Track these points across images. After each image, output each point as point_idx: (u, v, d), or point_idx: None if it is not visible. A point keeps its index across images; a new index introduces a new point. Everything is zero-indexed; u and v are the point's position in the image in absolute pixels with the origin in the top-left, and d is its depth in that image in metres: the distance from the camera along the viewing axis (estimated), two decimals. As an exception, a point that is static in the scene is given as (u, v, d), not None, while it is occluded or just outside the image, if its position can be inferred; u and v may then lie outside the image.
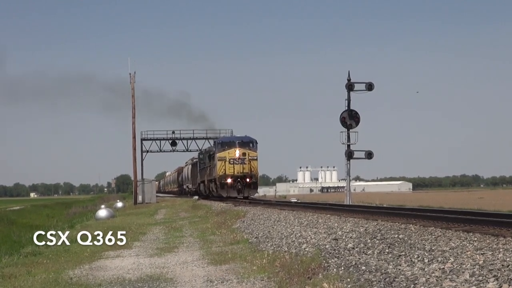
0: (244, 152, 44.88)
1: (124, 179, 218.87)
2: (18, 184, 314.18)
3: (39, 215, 54.19)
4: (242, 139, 46.37)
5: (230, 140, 47.17)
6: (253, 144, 46.17)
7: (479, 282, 8.00)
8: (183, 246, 18.33)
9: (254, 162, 45.17)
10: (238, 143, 45.59)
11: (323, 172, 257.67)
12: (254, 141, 46.24)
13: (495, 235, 11.47)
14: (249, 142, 46.10)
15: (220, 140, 48.29)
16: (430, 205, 38.17)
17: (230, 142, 46.41)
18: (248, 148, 45.43)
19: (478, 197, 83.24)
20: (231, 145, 45.72)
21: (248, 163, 44.81)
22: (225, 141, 47.12)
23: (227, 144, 46.27)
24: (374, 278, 9.38)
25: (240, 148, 45.06)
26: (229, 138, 48.52)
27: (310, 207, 26.64)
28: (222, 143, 46.92)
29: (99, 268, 14.17)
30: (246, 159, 44.82)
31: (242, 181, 44.67)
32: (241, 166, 44.72)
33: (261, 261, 12.95)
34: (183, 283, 11.65)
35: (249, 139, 46.34)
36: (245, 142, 46.03)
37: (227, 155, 45.01)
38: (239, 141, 46.03)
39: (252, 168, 44.86)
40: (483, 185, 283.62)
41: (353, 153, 35.24)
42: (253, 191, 45.75)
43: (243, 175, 44.74)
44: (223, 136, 51.44)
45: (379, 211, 19.87)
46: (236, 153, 44.72)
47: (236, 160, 44.67)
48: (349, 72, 35.08)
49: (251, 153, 45.22)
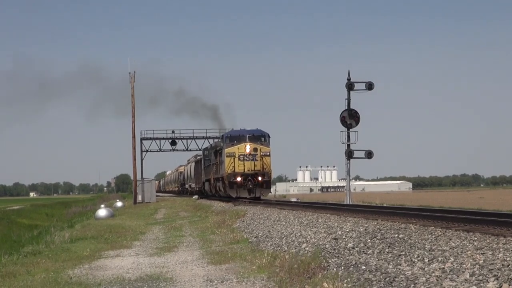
0: (256, 147, 40.79)
1: (124, 178, 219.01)
2: (18, 184, 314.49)
3: (39, 214, 54.22)
4: (253, 133, 41.91)
5: (239, 134, 42.29)
6: (265, 138, 41.98)
7: (479, 282, 7.98)
8: (183, 245, 18.33)
9: (266, 159, 40.98)
10: (248, 137, 41.27)
11: (323, 171, 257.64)
12: (266, 135, 42.11)
13: (495, 235, 11.45)
14: (261, 136, 41.89)
15: (229, 134, 43.49)
16: (430, 205, 38.12)
17: (240, 136, 41.79)
18: (260, 143, 41.29)
19: (478, 197, 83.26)
20: (241, 139, 41.35)
21: (260, 159, 40.65)
22: (234, 135, 42.42)
23: (236, 138, 41.77)
24: (374, 277, 9.37)
25: (250, 142, 40.88)
26: (239, 131, 42.96)
27: (310, 206, 26.61)
28: (230, 137, 42.37)
29: (99, 268, 14.16)
30: (258, 155, 40.69)
31: (254, 180, 40.48)
32: (252, 163, 40.61)
33: (261, 261, 12.94)
34: (183, 283, 11.64)
35: (261, 133, 42.15)
36: (257, 136, 41.73)
37: (236, 150, 40.83)
38: (249, 134, 41.60)
39: (264, 165, 40.67)
40: (483, 185, 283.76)
41: (353, 153, 35.18)
42: (265, 191, 41.46)
43: (254, 173, 40.51)
44: (232, 130, 45.65)
45: (379, 210, 19.86)
46: (247, 148, 40.62)
47: (246, 156, 40.60)
48: (349, 72, 35.04)
49: (263, 149, 41.06)
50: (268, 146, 41.65)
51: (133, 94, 60.83)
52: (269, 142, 42.08)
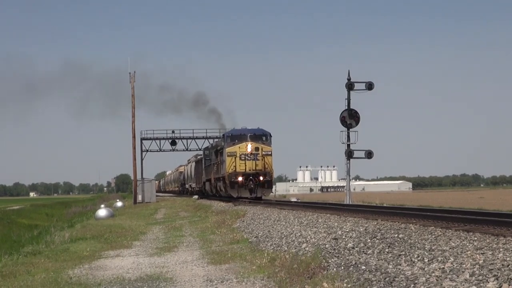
0: (257, 147, 40.36)
1: (124, 178, 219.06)
2: (18, 184, 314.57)
3: (39, 214, 54.23)
4: (254, 132, 41.55)
5: (241, 133, 41.89)
6: (267, 137, 41.60)
7: (479, 282, 7.98)
8: (183, 245, 18.32)
9: (268, 158, 40.56)
10: (250, 136, 40.86)
11: (323, 171, 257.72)
12: (268, 134, 41.73)
13: (495, 235, 11.44)
14: (262, 135, 41.56)
15: (230, 133, 43.07)
16: (430, 205, 38.12)
17: (241, 135, 41.42)
18: (261, 142, 40.89)
19: (478, 197, 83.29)
20: (242, 138, 40.99)
21: (262, 159, 40.26)
22: (235, 134, 42.03)
23: (237, 137, 41.44)
24: (374, 277, 9.37)
25: (252, 142, 40.44)
26: (240, 130, 42.54)
27: (310, 206, 26.60)
28: (231, 136, 42.01)
29: (99, 268, 14.16)
30: (259, 155, 40.32)
31: (255, 180, 40.10)
32: (254, 163, 40.19)
33: (261, 261, 12.94)
34: (183, 283, 11.64)
35: (262, 132, 41.80)
36: (258, 135, 41.40)
37: (237, 150, 40.46)
38: (251, 134, 41.22)
39: (266, 165, 40.29)
40: (483, 185, 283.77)
41: (353, 153, 35.19)
42: (267, 191, 41.21)
43: (255, 173, 40.15)
44: (233, 129, 45.09)
45: (379, 210, 19.85)
46: (248, 147, 40.14)
47: (248, 155, 40.18)
48: (349, 72, 35.05)
49: (264, 148, 40.67)
50: (269, 145, 41.31)
51: (133, 94, 60.84)
52: (271, 141, 41.73)
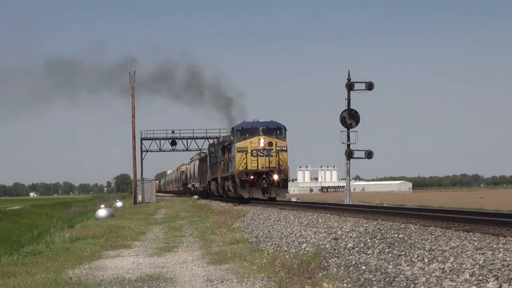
0: (271, 141, 36.36)
1: (124, 178, 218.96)
2: (18, 184, 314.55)
3: (39, 214, 54.20)
4: (267, 125, 37.47)
5: (252, 126, 37.78)
6: (281, 131, 37.49)
7: (479, 282, 7.98)
8: (183, 245, 18.32)
9: (283, 154, 36.41)
10: (262, 130, 36.92)
11: (323, 171, 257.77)
12: (282, 127, 37.60)
13: (495, 235, 11.44)
14: (276, 128, 37.52)
15: (240, 126, 38.46)
16: (430, 205, 38.07)
17: (253, 128, 37.39)
18: (275, 136, 36.94)
19: (478, 197, 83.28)
20: (254, 132, 37.03)
21: (276, 155, 36.18)
22: (246, 128, 37.80)
23: (248, 131, 37.34)
24: (374, 277, 9.37)
25: (265, 136, 36.52)
26: (251, 123, 38.39)
27: (310, 206, 26.60)
28: (242, 130, 37.69)
29: (99, 268, 14.16)
30: (273, 150, 36.25)
31: (268, 178, 36.02)
32: (267, 159, 36.16)
33: (261, 261, 12.93)
34: (183, 283, 11.64)
35: (276, 125, 37.68)
36: (271, 128, 37.37)
37: (248, 145, 36.38)
38: (263, 127, 37.20)
39: (280, 162, 36.16)
40: (483, 185, 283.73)
41: (353, 153, 35.16)
42: (282, 191, 37.08)
43: (269, 170, 36.04)
44: (243, 122, 40.69)
45: (379, 210, 19.84)
46: (261, 142, 36.17)
47: (260, 151, 36.17)
48: (349, 72, 35.03)
49: (279, 143, 36.59)
50: (284, 140, 37.27)
51: (133, 94, 60.78)
52: (286, 135, 37.72)
